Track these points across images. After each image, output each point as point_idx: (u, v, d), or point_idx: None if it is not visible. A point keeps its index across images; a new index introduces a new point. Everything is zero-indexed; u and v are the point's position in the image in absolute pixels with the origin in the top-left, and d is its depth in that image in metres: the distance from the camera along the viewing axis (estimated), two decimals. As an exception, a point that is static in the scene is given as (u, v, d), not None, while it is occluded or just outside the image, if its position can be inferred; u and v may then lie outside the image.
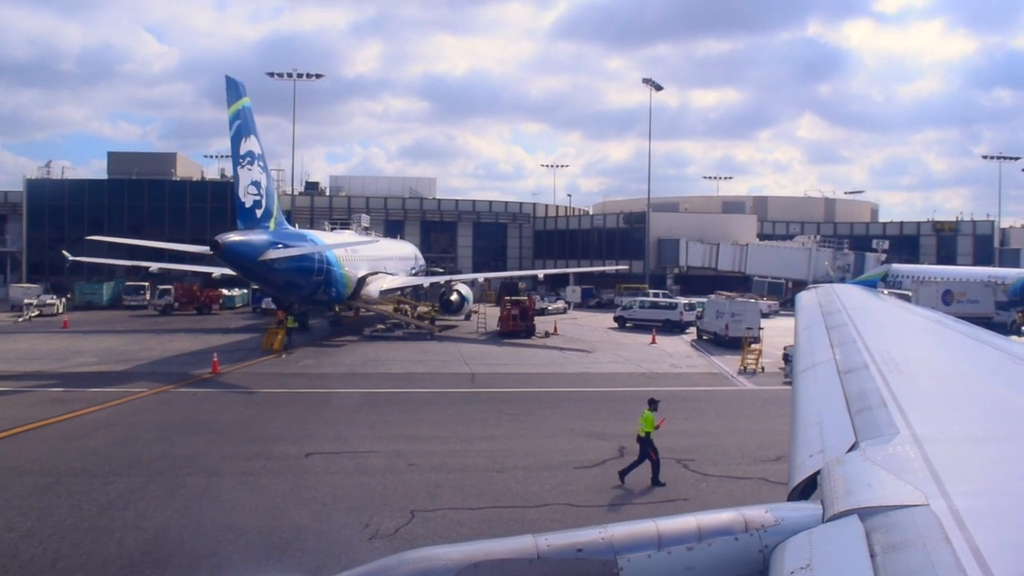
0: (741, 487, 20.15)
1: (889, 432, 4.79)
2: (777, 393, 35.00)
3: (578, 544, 4.12)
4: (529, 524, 16.87)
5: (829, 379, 6.80)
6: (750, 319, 49.93)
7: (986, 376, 6.93)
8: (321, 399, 31.75)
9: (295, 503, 18.35)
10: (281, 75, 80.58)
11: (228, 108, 40.02)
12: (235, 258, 40.13)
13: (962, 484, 3.84)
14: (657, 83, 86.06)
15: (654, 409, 21.04)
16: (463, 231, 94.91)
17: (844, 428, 5.22)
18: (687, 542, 4.13)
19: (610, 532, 4.19)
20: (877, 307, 12.35)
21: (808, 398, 6.66)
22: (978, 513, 3.44)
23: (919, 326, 10.22)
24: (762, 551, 4.06)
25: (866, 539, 3.38)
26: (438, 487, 19.66)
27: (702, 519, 4.26)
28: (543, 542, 4.15)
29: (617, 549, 4.08)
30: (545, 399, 32.34)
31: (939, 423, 5.30)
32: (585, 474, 21.00)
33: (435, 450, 23.34)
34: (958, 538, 3.18)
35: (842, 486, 4.09)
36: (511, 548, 4.13)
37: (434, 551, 4.14)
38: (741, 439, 25.38)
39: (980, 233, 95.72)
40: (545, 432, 26.05)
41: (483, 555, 4.07)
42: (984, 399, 6.07)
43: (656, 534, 4.18)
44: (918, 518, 3.43)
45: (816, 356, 7.99)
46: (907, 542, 3.24)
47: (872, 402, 5.56)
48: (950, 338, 8.81)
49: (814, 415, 5.97)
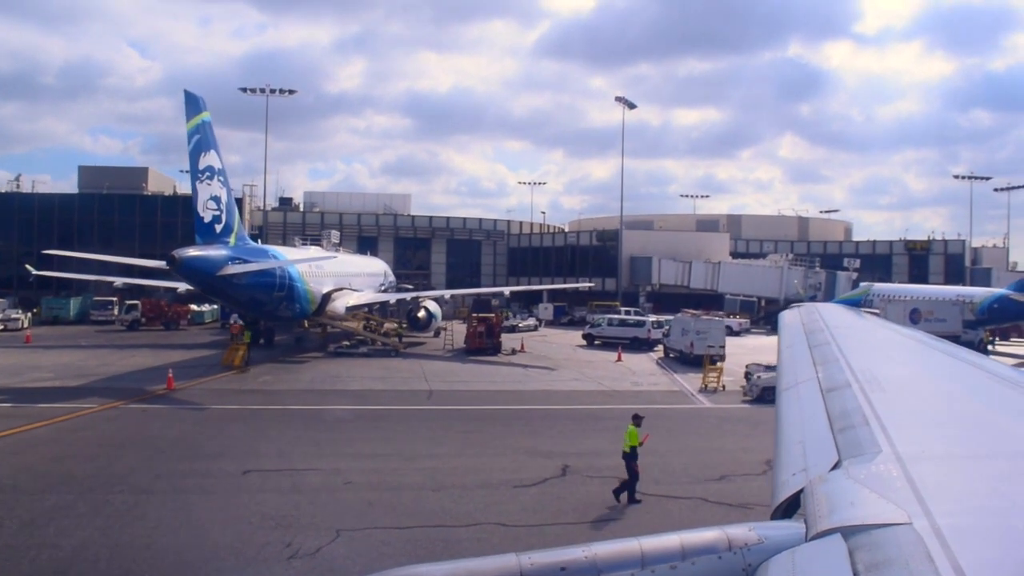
0: (678, 507, 20.03)
1: (872, 450, 4.80)
2: (733, 411, 35.07)
3: (561, 563, 4.12)
4: (454, 544, 16.73)
5: (812, 398, 6.83)
6: (714, 337, 50.00)
7: (968, 395, 6.98)
8: (272, 416, 31.41)
9: (221, 521, 18.08)
10: (254, 90, 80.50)
11: (187, 123, 39.82)
12: (192, 273, 39.80)
13: (945, 503, 3.82)
14: (630, 101, 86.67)
15: (638, 425, 21.20)
16: (437, 248, 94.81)
17: (827, 446, 5.21)
18: (670, 560, 4.12)
19: (593, 551, 4.18)
20: (860, 326, 12.49)
21: (791, 416, 6.67)
22: (961, 532, 3.43)
23: (902, 345, 10.31)
24: (745, 570, 4.06)
25: (849, 558, 3.35)
26: (370, 506, 19.44)
27: (685, 537, 4.26)
28: (526, 560, 4.14)
29: (600, 568, 4.07)
30: (499, 417, 32.16)
31: (922, 441, 5.28)
32: (522, 493, 20.82)
33: (376, 468, 23.12)
34: (941, 557, 3.17)
35: (825, 504, 4.07)
36: (494, 566, 4.15)
37: (418, 569, 4.16)
38: (688, 458, 25.29)
39: (952, 252, 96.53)
40: (491, 450, 25.87)
41: (466, 573, 4.14)
42: (966, 418, 6.11)
43: (639, 553, 4.16)
44: (901, 537, 3.41)
45: (799, 375, 8.01)
46: (890, 560, 3.23)
47: (855, 420, 5.56)
48: (932, 357, 8.89)
49: (797, 433, 5.98)
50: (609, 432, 29.42)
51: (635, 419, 21.46)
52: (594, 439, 28.03)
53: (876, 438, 5.02)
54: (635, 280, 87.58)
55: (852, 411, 5.81)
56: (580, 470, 23.24)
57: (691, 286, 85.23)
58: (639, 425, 21.19)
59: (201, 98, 41.04)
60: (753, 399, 37.06)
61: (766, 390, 37.25)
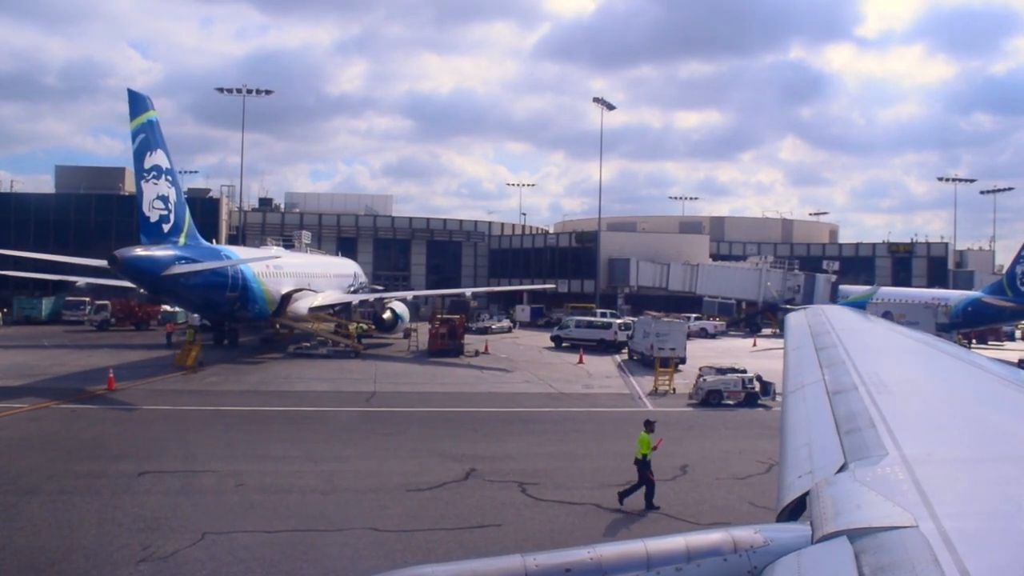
0: (568, 513, 19.64)
1: (878, 453, 4.81)
2: (672, 415, 34.64)
3: (567, 564, 4.14)
4: (315, 549, 16.46)
5: (818, 400, 6.85)
6: (675, 339, 49.66)
7: (975, 398, 6.98)
8: (200, 417, 31.14)
9: (92, 523, 17.81)
10: (231, 91, 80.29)
11: (131, 122, 39.61)
12: (136, 273, 39.58)
13: (951, 506, 3.82)
14: (609, 103, 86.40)
15: (650, 431, 20.99)
16: (417, 249, 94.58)
17: (833, 449, 5.24)
18: (676, 562, 4.15)
19: (599, 552, 4.21)
20: (866, 328, 12.50)
21: (797, 419, 6.69)
22: (967, 535, 3.42)
23: (908, 348, 10.33)
24: (751, 572, 4.07)
25: (855, 561, 3.36)
26: (250, 509, 19.16)
27: (691, 539, 4.29)
28: (531, 562, 4.15)
29: (606, 569, 4.11)
30: (429, 419, 31.88)
31: (928, 444, 5.31)
32: (413, 497, 20.51)
33: (277, 470, 22.84)
34: (947, 560, 3.16)
35: (831, 507, 4.09)
36: (500, 568, 4.17)
37: (423, 570, 4.22)
38: (602, 462, 24.87)
39: (935, 255, 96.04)
40: (403, 453, 25.56)
41: (471, 574, 4.20)
42: (973, 421, 6.09)
43: (645, 555, 4.19)
44: (907, 540, 3.41)
45: (805, 377, 8.04)
46: (896, 564, 3.22)
47: (861, 423, 5.58)
48: (939, 360, 8.92)
49: (803, 436, 5.99)
50: (533, 436, 29.30)
51: (647, 425, 21.26)
52: (515, 442, 27.76)
53: (882, 441, 5.05)
54: (613, 282, 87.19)
55: (858, 414, 5.84)
56: (485, 474, 22.91)
57: (669, 288, 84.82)
58: (651, 431, 20.97)
59: (147, 97, 40.87)
60: (698, 402, 36.69)
61: (711, 393, 36.99)
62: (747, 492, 21.75)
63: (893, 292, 75.47)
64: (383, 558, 16.05)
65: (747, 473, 23.88)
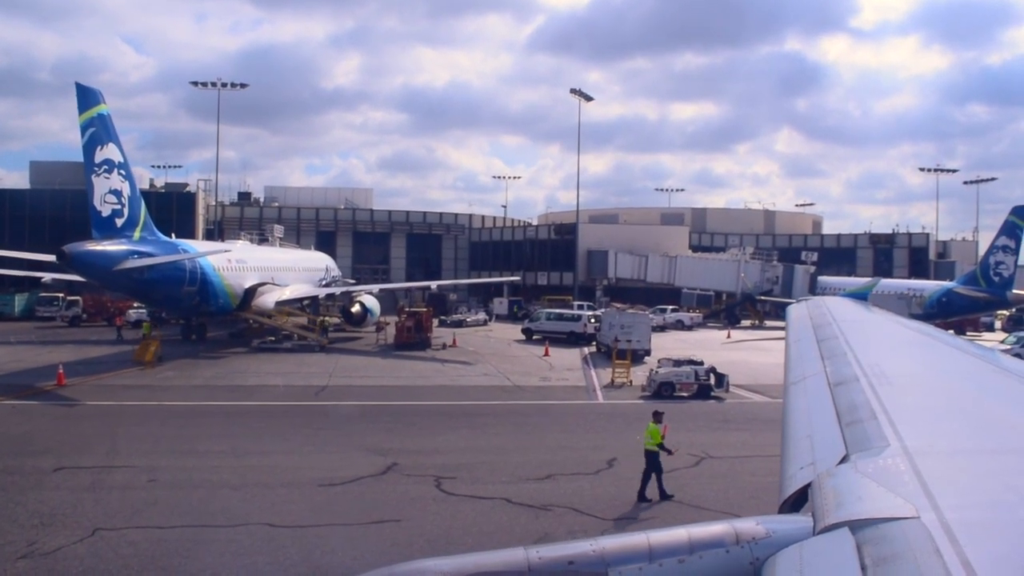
0: (473, 508, 19.32)
1: (880, 445, 4.83)
2: (620, 407, 34.57)
3: (569, 556, 4.17)
4: (201, 545, 16.31)
5: (820, 392, 6.89)
6: (639, 332, 49.53)
7: (976, 389, 7.03)
8: (141, 412, 30.94)
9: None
10: (205, 84, 79.97)
11: (79, 116, 39.29)
12: (87, 268, 39.37)
13: (953, 497, 3.85)
14: (586, 94, 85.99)
15: (658, 421, 21.12)
16: (396, 242, 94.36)
17: (835, 441, 5.26)
18: (678, 554, 4.17)
19: (601, 544, 4.23)
20: (868, 320, 12.49)
21: (798, 411, 6.73)
22: (969, 526, 3.44)
23: (910, 339, 10.37)
24: (753, 563, 4.10)
25: (857, 552, 3.37)
26: (152, 504, 18.98)
27: (693, 531, 4.32)
28: (534, 554, 4.17)
29: (609, 561, 4.11)
30: (371, 412, 31.67)
31: (930, 436, 5.34)
32: (322, 492, 20.31)
33: (195, 465, 22.68)
34: (949, 551, 3.18)
35: (833, 499, 4.10)
36: (502, 560, 4.18)
37: (425, 564, 4.17)
38: (529, 456, 24.68)
39: (916, 246, 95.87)
40: (330, 447, 25.40)
41: (474, 567, 4.12)
42: (974, 412, 6.13)
43: (647, 546, 4.21)
44: (909, 531, 3.43)
45: (806, 369, 8.08)
46: (898, 555, 3.24)
47: (863, 415, 5.60)
48: (941, 351, 8.99)
49: (804, 428, 6.02)
50: (471, 429, 29.14)
51: (655, 416, 21.42)
52: (450, 436, 27.58)
53: (884, 432, 5.06)
54: (592, 274, 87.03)
55: (860, 405, 5.86)
56: (406, 468, 22.71)
57: (648, 280, 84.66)
58: (659, 421, 21.14)
59: (97, 91, 40.57)
60: (651, 394, 36.48)
61: (663, 385, 36.77)
62: (667, 487, 21.36)
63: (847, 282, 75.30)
64: (267, 554, 15.90)
65: (673, 467, 23.47)
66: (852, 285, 76.02)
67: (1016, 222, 65.40)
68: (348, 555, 15.89)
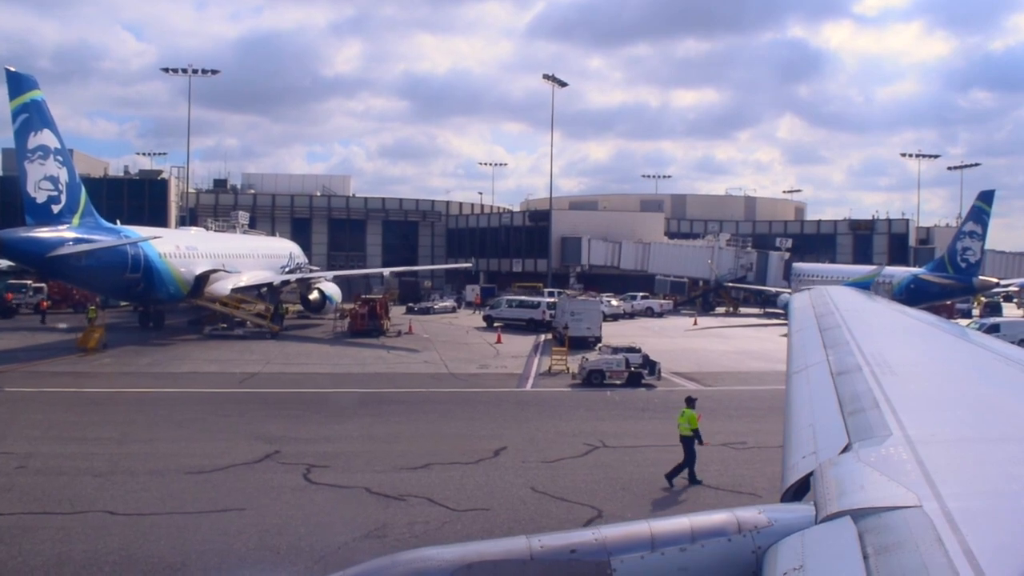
0: (328, 498, 19.04)
1: (882, 434, 4.85)
2: (543, 395, 34.45)
3: (571, 545, 4.18)
4: (31, 532, 16.23)
5: (822, 381, 6.92)
6: (590, 319, 49.30)
7: (979, 378, 7.07)
8: (54, 399, 30.91)
9: None
10: (175, 70, 79.78)
11: (11, 102, 39.17)
12: (19, 255, 39.39)
13: (955, 486, 3.86)
14: (560, 80, 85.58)
15: (692, 407, 21.34)
16: (372, 229, 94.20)
17: (837, 430, 5.28)
18: (680, 543, 4.19)
19: (603, 533, 4.25)
20: (870, 309, 12.52)
21: (801, 400, 6.76)
22: (971, 514, 3.46)
23: (913, 328, 10.43)
24: (755, 552, 4.11)
25: (859, 540, 3.39)
26: (7, 491, 18.93)
27: (695, 520, 4.34)
28: (536, 543, 4.19)
29: (610, 550, 4.13)
30: (281, 400, 31.64)
31: (932, 425, 5.35)
32: (187, 479, 20.22)
33: (72, 452, 22.65)
34: (951, 539, 3.19)
35: (835, 487, 4.12)
36: (504, 549, 4.21)
37: (427, 552, 4.19)
38: (416, 445, 24.40)
39: (895, 232, 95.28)
40: (220, 435, 25.33)
41: (476, 556, 4.14)
42: (977, 401, 6.14)
43: (649, 535, 4.23)
44: (911, 519, 3.45)
45: (809, 358, 8.12)
46: (900, 543, 3.26)
47: (865, 404, 5.63)
48: (943, 340, 9.06)
49: (807, 417, 6.06)
50: (373, 417, 28.96)
51: (688, 402, 21.66)
52: (347, 424, 27.44)
53: (886, 421, 5.07)
54: (566, 261, 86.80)
55: (862, 394, 5.88)
56: (284, 457, 22.54)
57: (621, 267, 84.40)
58: (693, 407, 21.37)
59: (30, 76, 40.46)
60: (580, 382, 36.24)
61: (593, 373, 36.44)
62: (540, 477, 21.18)
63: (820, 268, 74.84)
64: (97, 541, 15.83)
65: (559, 456, 23.33)
66: (827, 272, 75.76)
67: (982, 207, 64.83)
68: (169, 544, 15.78)
